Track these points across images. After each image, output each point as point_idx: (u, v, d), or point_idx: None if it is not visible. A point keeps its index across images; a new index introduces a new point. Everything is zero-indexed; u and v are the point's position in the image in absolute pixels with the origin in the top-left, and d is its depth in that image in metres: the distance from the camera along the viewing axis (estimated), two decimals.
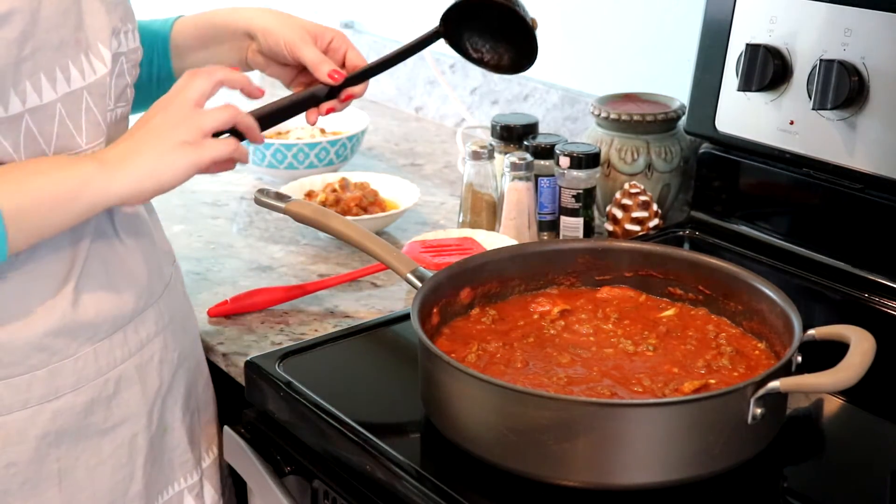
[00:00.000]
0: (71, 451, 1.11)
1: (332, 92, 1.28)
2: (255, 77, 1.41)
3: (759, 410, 0.98)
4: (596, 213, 1.58)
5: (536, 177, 1.56)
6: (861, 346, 1.01)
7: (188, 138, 1.07)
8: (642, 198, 1.55)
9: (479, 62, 1.30)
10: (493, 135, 1.69)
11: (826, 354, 1.02)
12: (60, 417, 1.09)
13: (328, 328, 1.35)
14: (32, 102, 1.01)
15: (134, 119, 1.13)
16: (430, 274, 1.19)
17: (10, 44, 0.98)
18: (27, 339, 1.06)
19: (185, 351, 1.25)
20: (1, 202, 0.98)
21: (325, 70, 1.28)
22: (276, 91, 1.36)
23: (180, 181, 1.07)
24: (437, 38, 1.27)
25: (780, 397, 1.02)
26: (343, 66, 1.32)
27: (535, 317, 1.22)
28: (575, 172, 1.53)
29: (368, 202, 1.67)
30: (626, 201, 1.55)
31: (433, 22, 1.27)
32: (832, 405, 1.17)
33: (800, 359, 1.06)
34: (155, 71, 1.32)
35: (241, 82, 1.18)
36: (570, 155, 1.53)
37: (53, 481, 1.10)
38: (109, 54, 1.08)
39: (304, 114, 1.30)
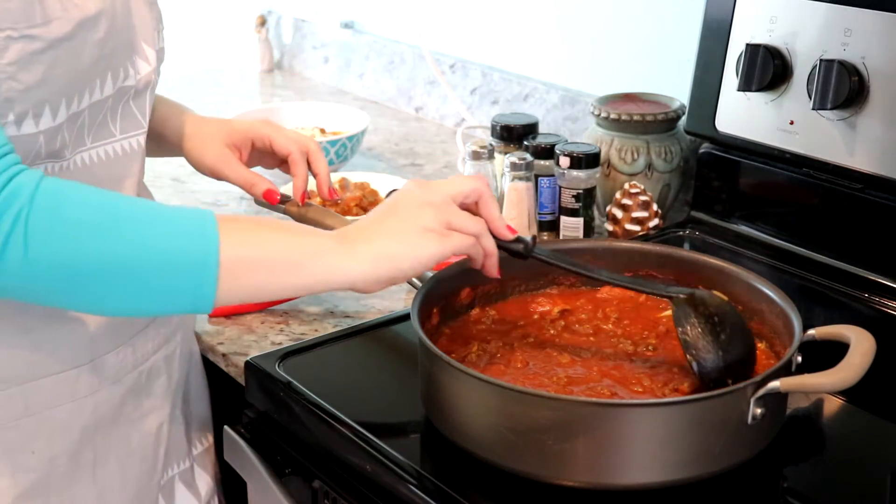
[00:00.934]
0: (104, 441, 1.13)
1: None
2: None
3: (759, 410, 0.98)
4: (596, 213, 1.58)
5: (536, 177, 1.56)
6: (861, 346, 1.01)
7: (434, 226, 1.00)
8: (642, 198, 1.55)
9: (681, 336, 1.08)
10: (493, 135, 1.69)
11: (826, 354, 1.02)
12: (100, 409, 1.12)
13: (328, 328, 1.35)
14: (95, 98, 1.04)
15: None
16: (430, 274, 1.19)
17: (95, 45, 1.00)
18: (80, 336, 1.09)
19: (188, 340, 1.29)
20: (221, 249, 0.94)
21: (258, 191, 1.27)
22: None
23: (418, 271, 1.01)
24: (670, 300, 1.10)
25: (780, 397, 1.02)
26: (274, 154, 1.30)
27: (535, 317, 1.22)
28: (575, 172, 1.53)
29: (368, 202, 1.67)
30: (626, 201, 1.55)
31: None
32: (832, 405, 1.16)
33: (800, 359, 1.06)
34: None
35: (495, 215, 1.07)
36: (570, 155, 1.53)
37: (88, 472, 1.13)
38: (153, 52, 1.11)
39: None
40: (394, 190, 1.11)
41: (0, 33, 0.93)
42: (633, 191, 1.55)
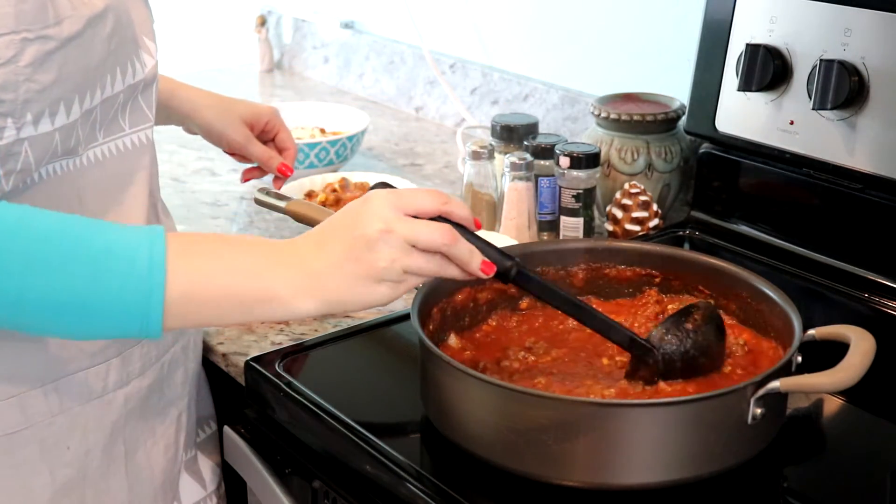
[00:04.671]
0: (133, 433, 1.15)
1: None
2: None
3: (759, 410, 0.98)
4: (596, 213, 1.57)
5: (536, 177, 1.56)
6: (861, 346, 1.01)
7: (388, 277, 0.97)
8: (642, 198, 1.55)
9: None
10: (493, 135, 1.69)
11: (826, 354, 1.02)
12: (130, 402, 1.13)
13: (328, 328, 1.35)
14: (107, 94, 1.05)
15: None
16: None
17: (104, 40, 1.01)
18: None
19: (199, 330, 1.30)
20: (168, 289, 0.92)
21: (274, 165, 1.45)
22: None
23: (364, 309, 1.00)
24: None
25: (780, 397, 1.02)
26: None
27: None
28: (575, 172, 1.53)
29: None
30: (626, 201, 1.55)
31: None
32: (832, 405, 1.17)
33: (800, 359, 1.06)
34: None
35: (464, 261, 1.01)
36: (570, 155, 1.53)
37: (120, 464, 1.14)
38: (154, 46, 1.12)
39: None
40: (374, 185, 1.05)
41: (16, 36, 0.94)
42: (633, 191, 1.55)
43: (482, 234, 1.50)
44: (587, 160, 1.53)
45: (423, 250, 0.98)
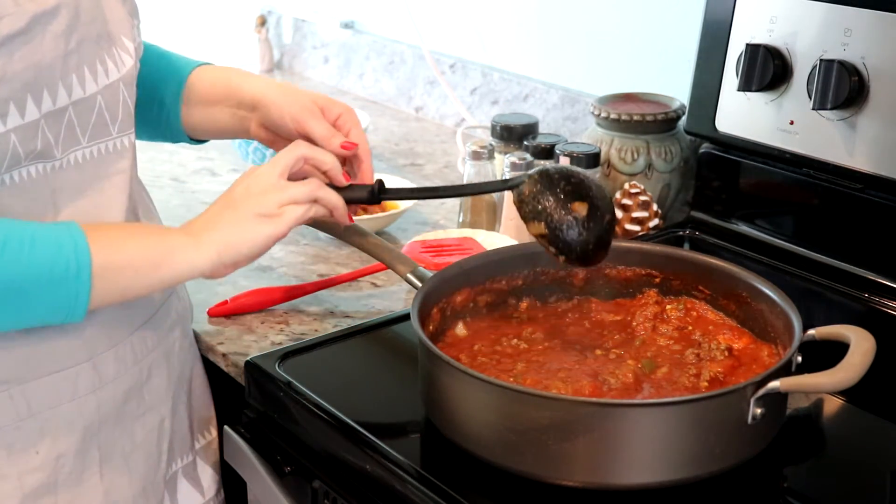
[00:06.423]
0: (109, 438, 1.14)
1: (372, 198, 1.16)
2: None
3: (759, 410, 0.98)
4: None
5: None
6: (861, 346, 1.01)
7: (264, 210, 1.08)
8: (642, 198, 1.55)
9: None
10: (493, 135, 1.69)
11: (826, 354, 1.02)
12: (103, 407, 1.12)
13: (328, 328, 1.35)
14: (77, 95, 1.03)
15: None
16: (430, 274, 1.19)
17: (58, 37, 1.00)
18: (74, 335, 1.09)
19: (188, 337, 1.29)
20: (93, 256, 1.00)
21: (336, 143, 1.21)
22: None
23: (259, 252, 1.09)
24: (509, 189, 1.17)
25: (780, 397, 1.02)
26: None
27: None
28: None
29: None
30: (626, 201, 1.55)
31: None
32: (832, 405, 1.17)
33: (800, 359, 1.06)
34: (165, 112, 1.29)
35: (327, 164, 1.14)
36: (570, 155, 1.53)
37: (95, 469, 1.13)
38: (132, 46, 1.11)
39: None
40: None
41: None
42: (633, 191, 1.55)
43: (483, 236, 1.51)
44: (587, 160, 1.53)
45: (292, 178, 1.10)
